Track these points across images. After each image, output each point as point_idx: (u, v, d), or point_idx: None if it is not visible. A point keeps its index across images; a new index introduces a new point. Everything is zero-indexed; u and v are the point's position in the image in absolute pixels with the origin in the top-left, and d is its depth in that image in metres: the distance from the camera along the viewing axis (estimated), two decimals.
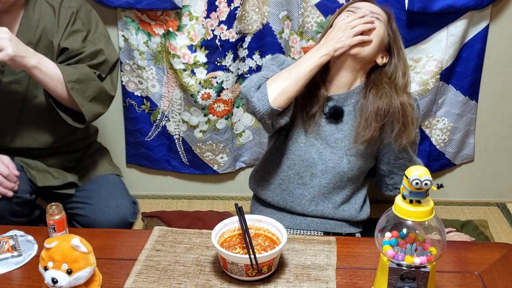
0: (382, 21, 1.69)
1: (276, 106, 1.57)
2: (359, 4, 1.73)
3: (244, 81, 1.71)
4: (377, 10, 1.72)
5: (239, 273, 1.25)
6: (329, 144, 1.71)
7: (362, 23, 1.63)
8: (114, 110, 2.72)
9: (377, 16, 1.68)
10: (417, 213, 1.09)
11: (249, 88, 1.62)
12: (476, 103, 2.63)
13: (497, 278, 1.30)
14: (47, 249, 1.16)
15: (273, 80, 1.60)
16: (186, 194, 2.90)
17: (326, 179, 1.71)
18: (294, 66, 1.64)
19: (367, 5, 1.73)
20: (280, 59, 1.79)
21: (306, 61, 1.62)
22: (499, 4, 2.44)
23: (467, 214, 2.75)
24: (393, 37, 1.73)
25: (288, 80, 1.59)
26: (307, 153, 1.72)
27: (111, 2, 2.37)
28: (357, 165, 1.72)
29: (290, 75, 1.60)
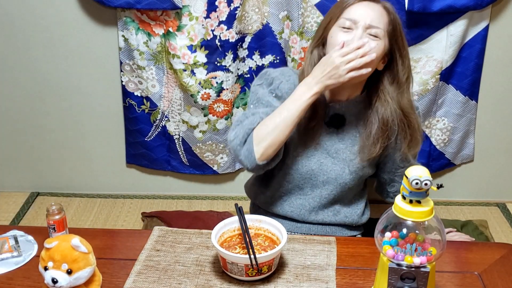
0: (383, 34, 1.51)
1: (264, 160, 1.51)
2: (356, 14, 1.50)
3: (230, 131, 1.59)
4: (377, 19, 1.50)
5: (239, 273, 1.25)
6: (330, 155, 1.62)
7: (360, 57, 1.44)
8: (114, 110, 2.72)
9: (376, 32, 1.49)
10: (417, 213, 1.09)
11: (235, 146, 1.54)
12: (476, 103, 2.63)
13: (497, 278, 1.30)
14: (47, 249, 1.16)
15: (259, 132, 1.50)
16: (186, 194, 2.90)
17: (327, 190, 1.64)
18: (282, 110, 1.49)
19: (366, 14, 1.50)
20: (268, 79, 1.64)
21: (293, 102, 1.48)
22: (499, 4, 2.44)
23: (467, 214, 2.75)
24: (395, 40, 1.54)
25: (275, 131, 1.48)
26: (305, 166, 1.62)
27: (111, 2, 2.37)
28: (359, 175, 1.64)
29: (276, 124, 1.48)
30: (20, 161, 2.87)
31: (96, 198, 2.88)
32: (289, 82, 1.60)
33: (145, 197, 2.89)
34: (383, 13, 1.52)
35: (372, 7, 1.51)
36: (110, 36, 2.55)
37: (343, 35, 1.49)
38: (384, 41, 1.51)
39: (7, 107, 2.75)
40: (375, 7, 1.52)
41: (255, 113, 1.57)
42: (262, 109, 1.58)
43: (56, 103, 2.73)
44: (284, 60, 2.53)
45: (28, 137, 2.81)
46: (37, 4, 2.52)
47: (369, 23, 1.48)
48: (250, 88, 1.68)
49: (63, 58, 2.63)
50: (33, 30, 2.57)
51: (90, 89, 2.69)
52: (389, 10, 1.54)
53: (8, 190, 2.92)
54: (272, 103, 1.59)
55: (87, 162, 2.86)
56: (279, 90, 1.60)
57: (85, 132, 2.79)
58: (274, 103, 1.59)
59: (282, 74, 1.63)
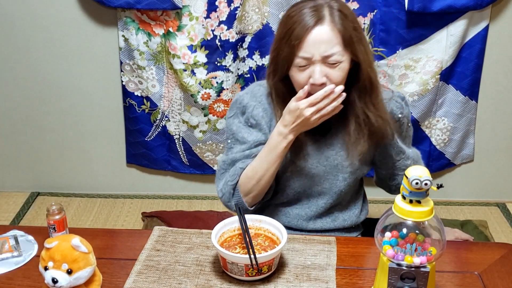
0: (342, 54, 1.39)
1: (256, 204, 1.54)
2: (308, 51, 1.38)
3: (216, 180, 1.58)
4: (329, 43, 1.37)
5: (239, 273, 1.25)
6: (321, 163, 1.55)
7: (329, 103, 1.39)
8: (114, 110, 2.72)
9: (336, 59, 1.38)
10: (417, 213, 1.09)
11: (225, 202, 1.54)
12: (476, 103, 2.63)
13: (497, 278, 1.30)
14: (47, 249, 1.16)
15: (244, 187, 1.50)
16: (186, 194, 2.90)
17: (323, 199, 1.59)
18: (262, 163, 1.47)
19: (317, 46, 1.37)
20: (240, 107, 1.56)
21: (271, 153, 1.46)
22: (499, 4, 2.44)
23: (467, 214, 2.75)
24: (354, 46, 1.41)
25: (260, 182, 1.48)
26: (298, 181, 1.57)
27: (111, 2, 2.37)
28: (353, 179, 1.59)
29: (260, 177, 1.48)
30: (20, 161, 2.87)
31: (96, 198, 2.88)
32: (261, 104, 1.54)
33: (145, 197, 2.89)
34: (332, 33, 1.37)
35: (320, 33, 1.37)
36: (110, 36, 2.55)
37: (303, 75, 1.41)
38: (346, 58, 1.40)
39: (7, 107, 2.75)
40: (324, 31, 1.37)
41: (233, 159, 1.54)
42: (239, 147, 1.55)
43: (56, 103, 2.73)
44: None
45: (28, 137, 2.81)
46: (37, 4, 2.52)
47: (323, 54, 1.37)
48: (226, 119, 1.63)
49: (63, 58, 2.63)
50: (33, 30, 2.57)
51: (90, 89, 2.69)
52: (338, 24, 1.38)
53: (8, 190, 2.92)
54: (247, 138, 1.54)
55: (87, 162, 2.86)
56: (252, 118, 1.54)
57: (85, 132, 2.79)
58: (249, 137, 1.54)
59: (252, 97, 1.55)
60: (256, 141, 1.53)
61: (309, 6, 1.40)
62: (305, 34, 1.37)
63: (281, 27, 1.43)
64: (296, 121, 1.42)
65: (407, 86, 2.53)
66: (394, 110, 1.55)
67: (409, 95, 2.54)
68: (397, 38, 2.43)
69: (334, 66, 1.39)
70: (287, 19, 1.42)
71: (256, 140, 1.53)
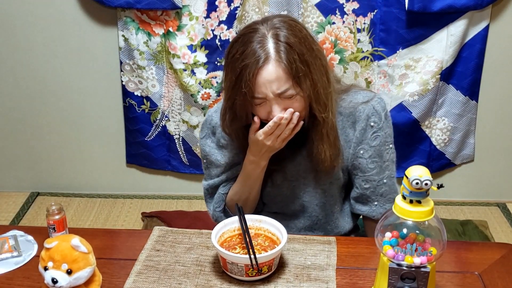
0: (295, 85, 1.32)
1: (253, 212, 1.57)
2: (260, 92, 1.32)
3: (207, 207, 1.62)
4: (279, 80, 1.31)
5: (239, 273, 1.25)
6: (301, 175, 1.50)
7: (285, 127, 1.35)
8: (114, 110, 2.72)
9: (290, 94, 1.32)
10: (417, 213, 1.09)
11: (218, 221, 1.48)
12: (476, 103, 2.62)
13: (497, 278, 1.30)
14: (47, 249, 1.16)
15: (233, 207, 1.49)
16: (186, 194, 2.90)
17: (309, 213, 1.55)
18: (243, 187, 1.51)
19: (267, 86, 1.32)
20: (210, 127, 1.53)
21: (249, 179, 1.48)
22: (499, 4, 2.44)
23: (467, 214, 2.75)
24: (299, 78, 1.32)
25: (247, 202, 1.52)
26: (278, 195, 1.54)
27: (111, 2, 2.37)
28: (334, 190, 1.53)
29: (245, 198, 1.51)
30: (20, 161, 2.87)
31: (96, 198, 2.88)
32: None
33: (145, 197, 2.89)
34: (279, 70, 1.30)
35: (267, 73, 1.30)
36: (110, 36, 2.55)
37: (263, 110, 1.36)
38: (301, 89, 1.33)
39: (7, 107, 2.75)
40: (271, 69, 1.30)
41: (213, 185, 1.56)
42: (214, 170, 1.54)
43: (56, 103, 2.73)
44: None
45: (28, 137, 2.81)
46: (37, 4, 2.52)
47: (276, 92, 1.32)
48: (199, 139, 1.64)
49: (63, 58, 2.63)
50: (33, 30, 2.57)
51: (90, 89, 2.69)
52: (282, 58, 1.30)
53: (8, 190, 2.92)
54: (220, 161, 1.52)
55: (87, 162, 2.86)
56: (223, 139, 1.51)
57: (85, 132, 2.79)
58: (222, 159, 1.52)
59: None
60: (230, 163, 1.52)
61: (254, 40, 1.31)
62: (253, 77, 1.31)
63: (230, 72, 1.35)
64: (261, 150, 1.41)
65: (407, 86, 2.53)
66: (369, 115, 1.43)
67: (409, 95, 2.54)
68: (397, 38, 2.43)
69: (291, 100, 1.34)
70: (232, 61, 1.34)
71: (229, 162, 1.52)
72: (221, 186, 1.55)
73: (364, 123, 1.44)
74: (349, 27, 2.45)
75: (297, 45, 1.32)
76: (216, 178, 1.55)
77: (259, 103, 1.36)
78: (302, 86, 1.33)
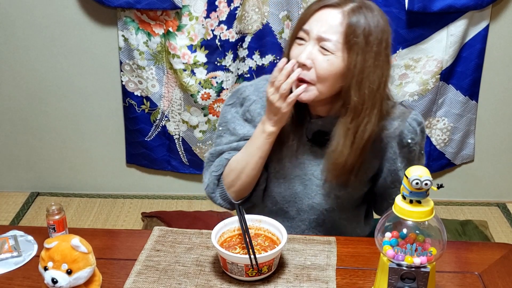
0: (337, 48, 1.29)
1: (240, 199, 1.48)
2: (311, 23, 1.31)
3: (203, 175, 1.52)
4: (332, 29, 1.29)
5: (239, 273, 1.25)
6: (315, 176, 1.45)
7: (284, 81, 1.30)
8: (114, 110, 2.72)
9: (328, 46, 1.29)
10: (417, 213, 1.09)
11: (209, 194, 1.49)
12: (476, 103, 2.63)
13: (497, 278, 1.30)
14: (47, 249, 1.16)
15: (227, 178, 1.45)
16: (186, 194, 2.90)
17: (314, 215, 1.50)
18: (244, 155, 1.42)
19: (321, 23, 1.30)
20: (240, 98, 1.49)
21: (253, 145, 1.40)
22: (499, 4, 2.44)
23: (467, 214, 2.75)
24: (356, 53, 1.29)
25: (242, 175, 1.43)
26: (288, 189, 1.48)
27: (111, 2, 2.37)
28: (347, 198, 1.48)
29: (241, 169, 1.42)
30: (20, 161, 2.87)
31: (96, 198, 2.88)
32: (262, 99, 1.45)
33: (145, 197, 2.89)
34: (340, 21, 1.29)
35: (330, 15, 1.30)
36: (110, 36, 2.55)
37: (296, 50, 1.34)
38: (343, 56, 1.29)
39: (7, 107, 2.75)
40: (334, 14, 1.30)
41: (220, 151, 1.49)
42: (228, 137, 1.49)
43: (56, 103, 2.73)
44: None
45: (28, 137, 2.81)
46: (37, 4, 2.52)
47: (320, 34, 1.29)
48: (223, 104, 1.57)
49: (63, 58, 2.63)
50: (33, 30, 2.57)
51: (90, 89, 2.69)
52: (352, 18, 1.29)
53: (8, 190, 2.92)
54: (237, 131, 1.48)
55: (87, 162, 2.86)
56: (249, 113, 1.47)
57: (85, 132, 2.79)
58: (240, 130, 1.48)
59: (255, 90, 1.48)
60: (245, 136, 1.47)
61: None
62: (314, 11, 1.32)
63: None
64: (268, 108, 1.35)
65: (407, 86, 2.53)
66: (405, 133, 1.38)
67: (409, 95, 2.54)
68: (397, 38, 2.43)
69: (325, 55, 1.30)
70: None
71: (246, 134, 1.47)
72: (226, 153, 1.48)
73: (401, 140, 1.39)
74: None
75: (372, 26, 1.29)
76: (226, 145, 1.49)
77: (301, 37, 1.33)
78: (348, 54, 1.29)
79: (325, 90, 1.33)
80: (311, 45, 1.31)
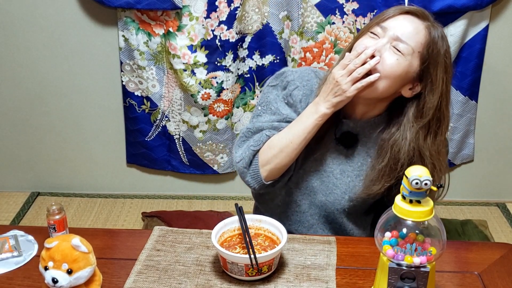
0: (410, 53, 1.31)
1: (270, 180, 1.43)
2: (390, 23, 1.33)
3: (236, 148, 1.47)
4: (411, 35, 1.31)
5: (239, 273, 1.25)
6: (334, 175, 1.46)
7: (360, 65, 1.29)
8: (114, 110, 2.72)
9: (402, 48, 1.31)
10: (417, 213, 1.09)
11: (241, 168, 1.44)
12: (475, 103, 2.63)
13: (497, 278, 1.30)
14: (48, 249, 1.16)
15: (264, 155, 1.41)
16: (186, 194, 2.90)
17: (325, 211, 1.50)
18: (288, 133, 1.39)
19: (400, 26, 1.32)
20: (284, 81, 1.48)
21: (300, 124, 1.37)
22: (499, 4, 2.45)
23: (467, 214, 2.75)
24: (427, 67, 1.33)
25: (281, 154, 1.38)
26: (306, 181, 1.48)
27: (111, 2, 2.37)
28: (360, 203, 1.48)
29: (282, 148, 1.38)
30: (20, 161, 2.87)
31: (96, 198, 2.88)
32: (305, 88, 1.45)
33: (145, 197, 2.89)
34: (421, 32, 1.32)
35: (412, 22, 1.33)
36: (110, 36, 2.55)
37: (366, 40, 1.34)
38: (411, 61, 1.32)
39: (7, 107, 2.75)
40: (416, 23, 1.33)
41: (260, 127, 1.45)
42: (268, 116, 1.47)
43: (56, 103, 2.73)
44: (284, 60, 2.53)
45: (28, 137, 2.81)
46: (37, 4, 2.52)
47: (399, 35, 1.31)
48: (264, 85, 1.54)
49: (63, 58, 2.63)
50: (33, 30, 2.57)
51: (90, 89, 2.69)
52: (432, 33, 1.32)
53: (8, 190, 2.92)
54: (280, 110, 1.46)
55: (87, 162, 2.87)
56: (291, 97, 1.45)
57: (85, 132, 2.79)
58: (283, 110, 1.46)
59: (300, 77, 1.47)
60: (288, 117, 1.44)
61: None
62: (399, 13, 1.34)
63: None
64: (328, 88, 1.33)
65: None
66: None
67: None
68: None
69: (395, 54, 1.31)
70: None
71: (288, 115, 1.44)
72: (267, 130, 1.44)
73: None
74: (348, 27, 2.45)
75: (446, 49, 1.35)
76: (267, 122, 1.45)
77: (374, 32, 1.34)
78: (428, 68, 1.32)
79: (381, 88, 1.33)
80: (383, 42, 1.32)
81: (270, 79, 1.52)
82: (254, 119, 1.50)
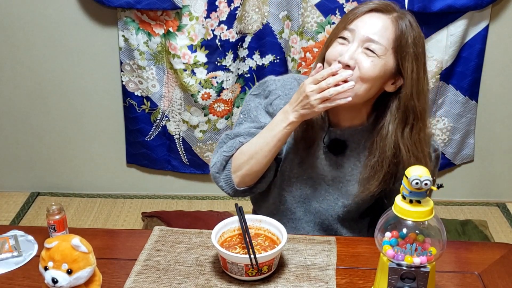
0: (384, 52, 1.30)
1: (243, 187, 1.44)
2: (358, 24, 1.32)
3: (212, 156, 1.49)
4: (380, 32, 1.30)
5: (239, 273, 1.25)
6: (326, 182, 1.47)
7: (332, 85, 1.27)
8: (114, 110, 2.72)
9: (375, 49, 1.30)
10: (417, 213, 1.09)
11: (214, 173, 1.45)
12: (476, 103, 2.63)
13: (497, 278, 1.30)
14: (47, 249, 1.16)
15: (236, 161, 1.41)
16: (186, 194, 2.90)
17: (320, 218, 1.51)
18: (259, 139, 1.38)
19: (368, 25, 1.31)
20: (266, 90, 1.48)
21: (270, 131, 1.36)
22: (499, 4, 2.45)
23: (467, 214, 2.75)
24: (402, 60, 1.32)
25: (251, 160, 1.38)
26: (299, 189, 1.49)
27: (111, 2, 2.37)
28: (354, 208, 1.49)
29: (252, 154, 1.38)
30: (20, 161, 2.87)
31: (96, 198, 2.88)
32: (287, 96, 1.43)
33: (145, 197, 2.89)
34: (390, 28, 1.31)
35: (378, 19, 1.31)
36: (110, 36, 2.55)
37: (336, 49, 1.33)
38: (386, 60, 1.31)
39: (7, 107, 2.75)
40: (382, 19, 1.31)
41: (237, 133, 1.46)
42: (247, 124, 1.48)
43: (56, 103, 2.73)
44: (284, 60, 2.53)
45: (28, 137, 2.81)
46: (37, 4, 2.52)
47: (369, 35, 1.30)
48: (247, 94, 1.55)
49: (63, 58, 2.63)
50: (33, 30, 2.57)
51: (90, 89, 2.69)
52: (400, 25, 1.31)
53: (8, 190, 2.92)
54: (259, 118, 1.47)
55: (87, 162, 2.87)
56: (271, 107, 1.46)
57: (85, 132, 2.79)
58: (261, 118, 1.47)
59: (282, 86, 1.47)
60: (264, 125, 1.43)
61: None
62: (361, 13, 1.33)
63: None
64: (298, 99, 1.31)
65: None
66: None
67: None
68: None
69: (369, 57, 1.30)
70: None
71: (266, 124, 1.43)
72: (242, 136, 1.45)
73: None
74: None
75: (417, 35, 1.32)
76: (245, 129, 1.46)
77: (343, 36, 1.33)
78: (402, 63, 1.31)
79: (362, 92, 1.32)
80: (355, 46, 1.31)
81: (253, 88, 1.52)
82: (235, 127, 1.51)
